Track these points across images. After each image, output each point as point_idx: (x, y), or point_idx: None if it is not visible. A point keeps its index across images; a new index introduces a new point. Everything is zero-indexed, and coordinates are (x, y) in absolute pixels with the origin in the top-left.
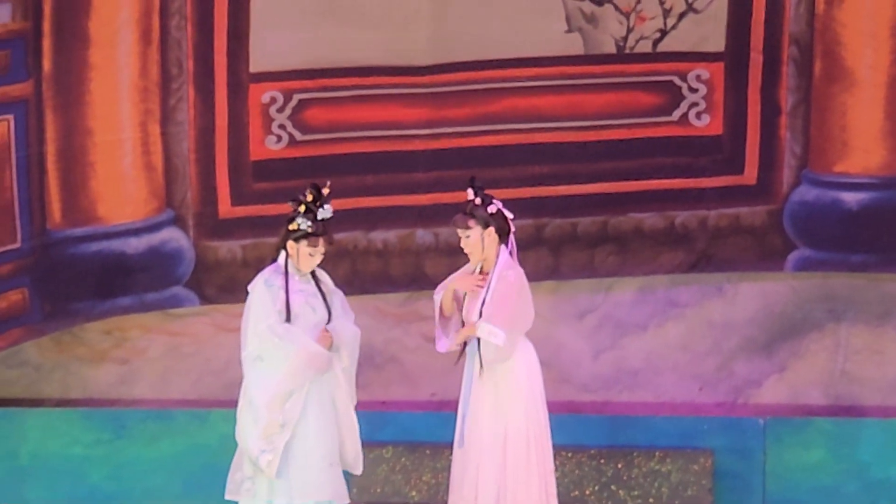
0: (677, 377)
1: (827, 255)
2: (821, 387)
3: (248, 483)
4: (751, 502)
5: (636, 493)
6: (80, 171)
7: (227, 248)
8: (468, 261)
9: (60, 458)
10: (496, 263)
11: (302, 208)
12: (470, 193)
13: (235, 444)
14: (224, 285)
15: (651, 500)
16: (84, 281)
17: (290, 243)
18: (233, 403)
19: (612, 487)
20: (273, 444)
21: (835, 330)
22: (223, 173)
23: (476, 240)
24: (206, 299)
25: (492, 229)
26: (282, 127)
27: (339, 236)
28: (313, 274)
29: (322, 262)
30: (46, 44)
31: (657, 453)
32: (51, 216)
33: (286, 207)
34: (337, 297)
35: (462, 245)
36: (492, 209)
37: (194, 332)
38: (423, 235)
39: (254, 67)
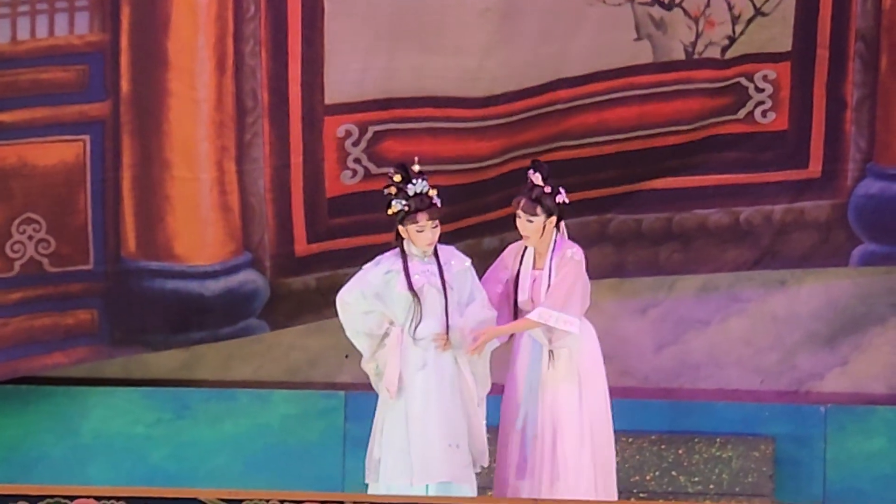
0: (739, 371)
1: (891, 249)
2: (883, 380)
3: (374, 464)
4: (811, 490)
5: (696, 478)
6: (157, 203)
7: (302, 281)
8: (518, 238)
9: (122, 437)
10: (552, 247)
11: (393, 191)
12: (538, 179)
13: (297, 426)
14: (292, 311)
15: (711, 486)
16: (158, 316)
17: (399, 228)
18: (294, 386)
19: (673, 473)
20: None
21: None
22: (299, 212)
23: (539, 226)
24: (276, 325)
25: (554, 218)
26: (357, 161)
27: None
28: (437, 254)
29: None
30: (125, 61)
31: (718, 440)
32: (125, 244)
33: (362, 240)
34: (466, 279)
35: (520, 226)
36: (559, 199)
37: None
38: (490, 242)
39: (329, 98)
